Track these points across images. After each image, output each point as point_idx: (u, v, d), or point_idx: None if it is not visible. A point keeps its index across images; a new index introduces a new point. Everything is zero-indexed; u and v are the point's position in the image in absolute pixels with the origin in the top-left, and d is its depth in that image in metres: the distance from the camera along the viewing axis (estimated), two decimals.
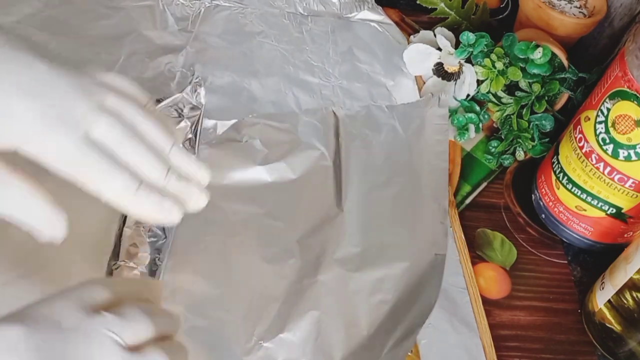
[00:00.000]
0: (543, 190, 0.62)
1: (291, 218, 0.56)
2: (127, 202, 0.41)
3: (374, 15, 0.76)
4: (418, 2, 0.75)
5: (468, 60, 0.67)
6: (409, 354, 0.48)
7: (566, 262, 0.62)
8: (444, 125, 0.64)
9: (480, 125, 0.68)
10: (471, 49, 0.67)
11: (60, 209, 0.40)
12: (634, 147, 0.52)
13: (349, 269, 0.53)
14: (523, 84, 0.67)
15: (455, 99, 0.69)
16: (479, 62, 0.67)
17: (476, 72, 0.67)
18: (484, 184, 0.65)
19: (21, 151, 0.40)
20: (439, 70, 0.69)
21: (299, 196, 0.57)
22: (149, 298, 0.40)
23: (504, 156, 0.67)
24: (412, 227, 0.57)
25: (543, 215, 0.62)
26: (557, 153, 0.60)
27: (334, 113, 0.64)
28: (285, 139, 0.61)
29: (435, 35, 0.70)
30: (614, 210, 0.57)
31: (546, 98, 0.67)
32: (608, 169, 0.54)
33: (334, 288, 0.52)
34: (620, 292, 0.52)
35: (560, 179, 0.59)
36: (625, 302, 0.52)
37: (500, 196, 0.65)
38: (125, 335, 0.34)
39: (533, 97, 0.67)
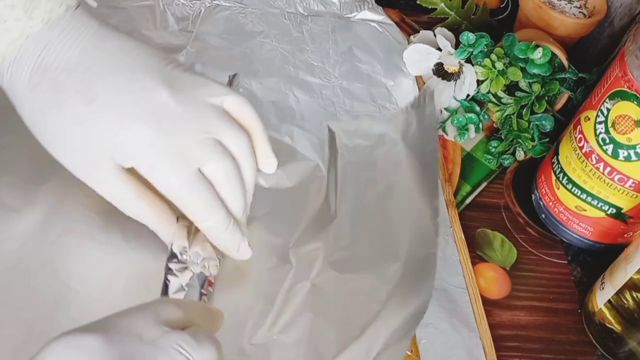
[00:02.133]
0: (543, 190, 0.62)
1: (286, 224, 0.56)
2: (215, 236, 0.47)
3: (374, 15, 0.76)
4: (418, 2, 0.75)
5: (468, 60, 0.67)
6: (409, 353, 0.48)
7: (566, 262, 0.62)
8: (434, 123, 0.64)
9: (480, 125, 0.68)
10: (471, 49, 0.67)
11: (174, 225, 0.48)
12: (634, 147, 0.52)
13: (342, 271, 0.53)
14: (523, 84, 0.67)
15: (455, 99, 0.69)
16: (479, 62, 0.67)
17: (476, 72, 0.67)
18: (484, 184, 0.65)
19: (136, 169, 0.44)
20: (439, 71, 0.69)
21: (294, 203, 0.57)
22: (209, 324, 0.42)
23: (504, 156, 0.67)
24: (403, 228, 0.56)
25: (543, 215, 0.62)
26: (557, 153, 0.60)
27: (329, 127, 0.63)
28: (282, 148, 0.60)
29: (435, 35, 0.70)
30: (614, 211, 0.57)
31: (546, 98, 0.67)
32: (608, 169, 0.54)
33: (327, 290, 0.52)
34: (620, 292, 0.52)
35: (560, 179, 0.59)
36: (625, 302, 0.52)
37: (500, 196, 0.65)
38: (197, 356, 0.35)
39: (533, 97, 0.67)
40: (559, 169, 0.59)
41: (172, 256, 0.47)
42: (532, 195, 0.64)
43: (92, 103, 0.43)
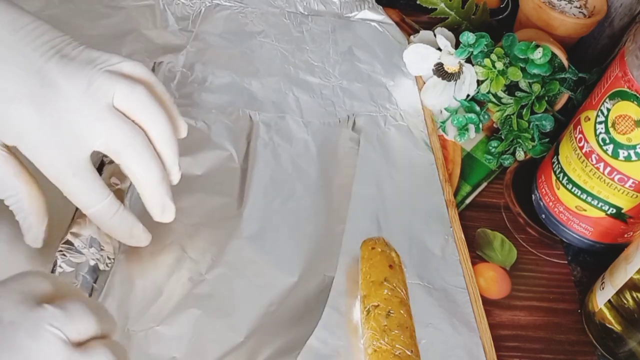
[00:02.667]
0: (543, 190, 0.62)
1: (188, 214, 0.54)
2: (102, 222, 0.45)
3: (375, 15, 0.76)
4: (418, 2, 0.75)
5: (468, 61, 0.67)
6: (409, 353, 0.47)
7: (566, 262, 0.62)
8: (354, 149, 0.63)
9: (480, 125, 0.68)
10: (471, 49, 0.67)
11: (44, 221, 0.46)
12: (634, 147, 0.52)
13: (237, 273, 0.52)
14: (523, 84, 0.67)
15: (455, 99, 0.69)
16: (479, 62, 0.67)
17: (476, 72, 0.67)
18: (484, 184, 0.65)
19: (20, 150, 0.42)
20: (439, 71, 0.69)
21: (201, 193, 0.56)
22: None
23: (504, 156, 0.67)
24: (306, 245, 0.56)
25: (543, 216, 0.62)
26: (557, 153, 0.60)
27: (250, 117, 0.63)
28: (196, 135, 0.60)
29: (435, 36, 0.70)
30: (614, 211, 0.57)
31: (546, 98, 0.67)
32: (608, 169, 0.54)
33: (219, 289, 0.51)
34: (620, 292, 0.52)
35: (561, 179, 0.59)
36: (625, 302, 0.52)
37: (500, 196, 0.65)
38: (69, 330, 0.33)
39: (533, 97, 0.67)
40: (559, 169, 0.59)
41: (65, 241, 0.47)
42: (532, 196, 0.64)
43: None
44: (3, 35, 0.42)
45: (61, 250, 0.47)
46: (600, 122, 0.54)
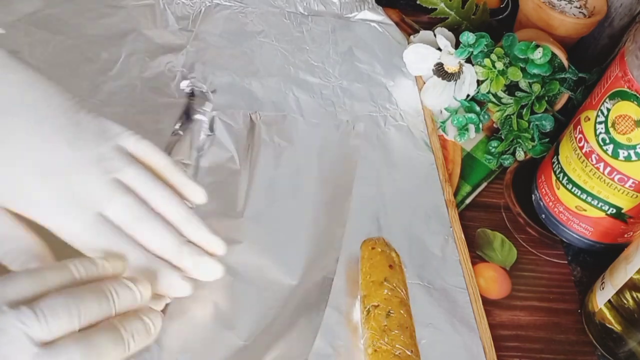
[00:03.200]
0: (543, 190, 0.62)
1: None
2: (139, 275, 0.43)
3: (375, 16, 0.76)
4: (418, 2, 0.75)
5: (468, 61, 0.67)
6: (409, 353, 0.47)
7: (566, 262, 0.62)
8: (355, 149, 0.63)
9: (480, 125, 0.68)
10: (471, 49, 0.67)
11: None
12: (634, 147, 0.52)
13: (238, 275, 0.52)
14: (523, 84, 0.67)
15: (455, 99, 0.69)
16: (479, 62, 0.67)
17: (476, 72, 0.67)
18: (484, 184, 0.65)
19: (33, 220, 0.42)
20: (439, 71, 0.69)
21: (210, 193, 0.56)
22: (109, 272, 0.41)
23: (504, 156, 0.67)
24: (307, 245, 0.55)
25: (543, 216, 0.62)
26: (557, 153, 0.60)
27: (250, 117, 0.63)
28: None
29: (435, 36, 0.70)
30: (614, 211, 0.57)
31: (546, 98, 0.67)
32: (608, 169, 0.54)
33: (219, 292, 0.51)
34: (620, 292, 0.52)
35: (561, 179, 0.59)
36: (625, 302, 0.52)
37: (500, 196, 0.65)
38: (38, 330, 0.35)
39: (533, 97, 0.67)
40: (559, 169, 0.59)
41: None
42: (532, 196, 0.64)
43: None
44: (14, 98, 0.42)
45: None
46: (600, 122, 0.54)
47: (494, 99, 0.68)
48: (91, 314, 0.38)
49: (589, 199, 0.57)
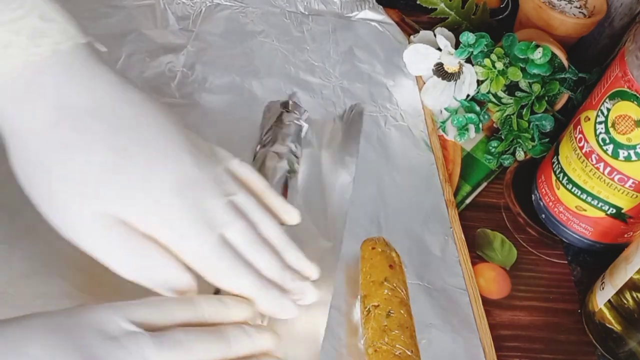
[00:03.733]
0: (543, 190, 0.62)
1: None
2: (255, 300, 0.44)
3: (375, 15, 0.76)
4: (418, 2, 0.75)
5: (468, 61, 0.68)
6: (409, 353, 0.47)
7: (566, 262, 0.62)
8: (355, 148, 0.62)
9: (480, 125, 0.68)
10: (471, 49, 0.67)
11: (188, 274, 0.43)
12: (634, 147, 0.52)
13: None
14: (523, 84, 0.67)
15: (455, 99, 0.69)
16: (479, 62, 0.67)
17: (476, 72, 0.67)
18: (484, 184, 0.66)
19: (155, 235, 0.42)
20: (439, 71, 0.69)
21: None
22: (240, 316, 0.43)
23: (504, 156, 0.67)
24: (307, 245, 0.53)
25: (543, 216, 0.62)
26: (557, 153, 0.60)
27: (250, 117, 0.62)
28: None
29: (435, 35, 0.70)
30: (614, 211, 0.57)
31: (546, 98, 0.67)
32: (608, 169, 0.54)
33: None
34: (620, 292, 0.52)
35: (561, 179, 0.59)
36: (625, 302, 0.52)
37: (500, 196, 0.65)
38: (154, 358, 0.36)
39: (533, 97, 0.67)
40: (559, 169, 0.59)
41: None
42: (532, 196, 0.64)
43: (118, 154, 0.41)
44: (133, 117, 0.42)
45: None
46: (600, 122, 0.54)
47: (494, 99, 0.68)
48: (207, 356, 0.39)
49: (589, 199, 0.57)
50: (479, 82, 0.68)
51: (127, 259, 0.41)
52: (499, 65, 0.66)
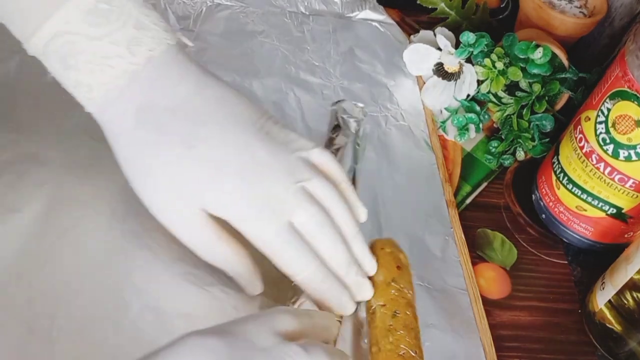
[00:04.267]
0: (543, 190, 0.62)
1: None
2: (312, 289, 0.46)
3: (376, 15, 0.76)
4: (418, 2, 0.75)
5: (468, 60, 0.68)
6: (413, 354, 0.47)
7: (566, 262, 0.62)
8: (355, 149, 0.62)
9: (481, 125, 0.68)
10: (471, 49, 0.67)
11: (256, 270, 0.47)
12: (634, 147, 0.52)
13: None
14: (523, 84, 0.67)
15: (456, 99, 0.69)
16: (479, 62, 0.67)
17: (476, 72, 0.67)
18: (484, 184, 0.66)
19: (226, 219, 0.44)
20: (439, 70, 0.69)
21: None
22: (325, 334, 0.43)
23: (504, 156, 0.67)
24: None
25: (543, 216, 0.62)
26: (557, 153, 0.60)
27: None
28: None
29: (435, 35, 0.70)
30: (614, 211, 0.57)
31: (546, 98, 0.67)
32: (608, 169, 0.54)
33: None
34: (620, 292, 0.52)
35: (561, 179, 0.59)
36: (625, 302, 0.53)
37: (500, 196, 0.65)
38: None
39: (533, 97, 0.67)
40: (560, 169, 0.59)
41: None
42: (533, 196, 0.64)
43: (192, 148, 0.43)
44: (209, 112, 0.45)
45: None
46: (601, 122, 0.54)
47: (494, 99, 0.68)
48: None
49: (589, 199, 0.57)
50: (479, 82, 0.68)
51: (219, 250, 0.45)
52: (499, 65, 0.66)
